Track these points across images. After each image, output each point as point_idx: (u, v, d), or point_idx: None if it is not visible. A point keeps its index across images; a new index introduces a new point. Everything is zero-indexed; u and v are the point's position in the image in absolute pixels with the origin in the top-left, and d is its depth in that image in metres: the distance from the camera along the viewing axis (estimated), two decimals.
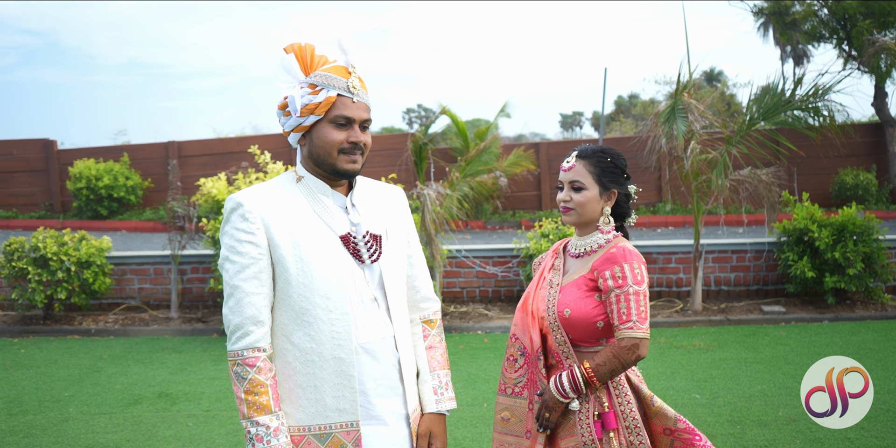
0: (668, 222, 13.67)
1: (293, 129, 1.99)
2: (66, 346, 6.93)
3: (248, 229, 1.92)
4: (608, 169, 2.32)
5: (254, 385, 1.88)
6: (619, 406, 2.24)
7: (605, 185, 2.31)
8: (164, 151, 14.88)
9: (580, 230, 2.37)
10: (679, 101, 6.99)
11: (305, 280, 1.93)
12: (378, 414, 2.00)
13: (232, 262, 1.92)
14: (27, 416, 4.97)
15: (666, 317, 7.45)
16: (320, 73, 1.97)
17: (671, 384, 5.37)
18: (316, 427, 1.94)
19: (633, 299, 2.18)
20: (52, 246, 7.16)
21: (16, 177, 15.00)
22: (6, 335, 7.36)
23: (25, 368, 6.16)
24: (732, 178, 7.47)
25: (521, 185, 14.50)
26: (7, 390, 5.55)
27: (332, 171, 2.00)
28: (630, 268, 2.21)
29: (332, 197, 2.04)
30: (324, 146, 1.97)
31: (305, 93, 1.95)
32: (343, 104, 1.97)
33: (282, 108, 1.99)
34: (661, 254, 8.12)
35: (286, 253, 1.93)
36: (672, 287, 8.12)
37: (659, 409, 2.26)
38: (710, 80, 42.35)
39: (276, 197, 1.98)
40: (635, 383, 2.29)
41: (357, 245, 2.01)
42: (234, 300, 1.92)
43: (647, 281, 2.22)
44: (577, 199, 2.30)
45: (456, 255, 8.07)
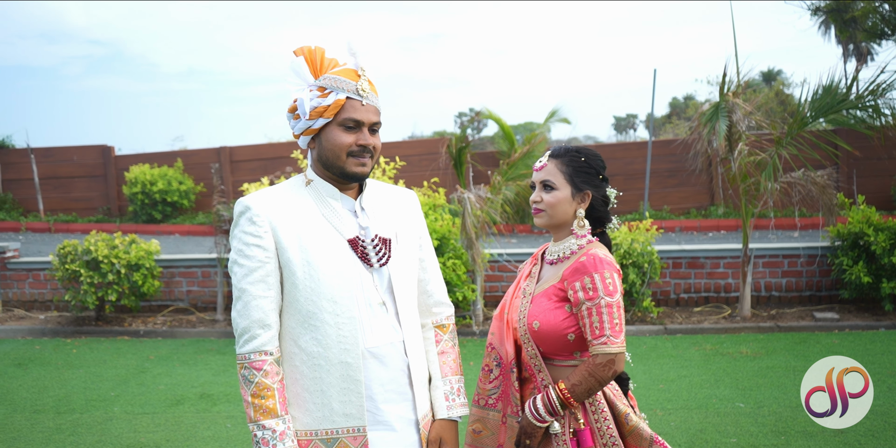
0: (719, 226, 13.36)
1: (302, 133, 2.00)
2: (116, 346, 7.11)
3: (256, 233, 1.92)
4: (581, 169, 2.21)
5: (260, 388, 1.88)
6: (596, 423, 2.14)
7: (577, 186, 2.20)
8: (216, 156, 15.19)
9: (555, 235, 2.27)
10: (723, 101, 6.80)
11: (312, 284, 1.92)
12: (385, 419, 1.98)
13: (240, 266, 1.93)
14: (74, 415, 5.10)
15: (713, 323, 7.27)
16: (329, 75, 1.96)
17: (714, 392, 5.22)
18: (323, 432, 1.93)
19: (606, 312, 2.07)
20: (104, 249, 7.35)
21: (75, 182, 15.50)
22: (60, 335, 7.59)
23: (76, 368, 6.34)
24: (783, 180, 7.24)
25: None
26: (57, 389, 5.71)
27: (341, 174, 1.99)
28: (601, 278, 2.09)
29: (340, 200, 2.03)
30: (332, 149, 1.96)
31: (314, 96, 1.95)
32: (352, 107, 1.96)
33: (291, 110, 2.00)
34: (708, 258, 7.93)
35: (293, 256, 1.93)
36: (720, 292, 7.92)
37: (634, 428, 2.16)
38: (769, 79, 41.34)
39: (284, 200, 1.99)
40: (611, 399, 2.19)
41: (365, 248, 1.99)
42: (242, 303, 1.92)
43: (620, 291, 2.10)
44: (548, 200, 2.20)
45: (498, 259, 8.01)
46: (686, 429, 4.55)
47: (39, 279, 8.45)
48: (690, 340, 6.80)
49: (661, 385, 5.45)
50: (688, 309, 7.85)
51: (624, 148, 15.12)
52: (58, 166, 15.44)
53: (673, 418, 4.75)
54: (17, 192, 15.43)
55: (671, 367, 5.92)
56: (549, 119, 14.64)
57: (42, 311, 8.36)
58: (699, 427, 4.58)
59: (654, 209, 14.30)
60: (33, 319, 8.01)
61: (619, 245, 7.19)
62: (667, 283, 7.96)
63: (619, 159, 14.60)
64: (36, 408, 5.26)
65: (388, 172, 7.11)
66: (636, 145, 15.08)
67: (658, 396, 5.20)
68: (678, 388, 5.35)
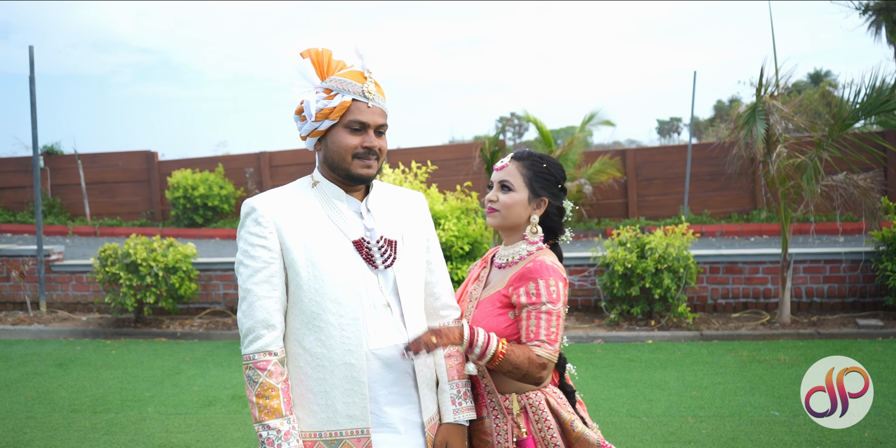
0: (761, 230, 13.09)
1: (308, 134, 2.01)
2: (153, 348, 7.24)
3: (261, 233, 1.94)
4: (542, 175, 2.20)
5: (265, 388, 1.89)
6: (540, 432, 2.11)
7: (535, 191, 2.19)
8: (256, 161, 15.41)
9: (506, 238, 2.26)
10: (760, 103, 6.66)
11: (316, 284, 1.93)
12: (389, 421, 1.97)
13: (245, 266, 1.94)
14: (109, 414, 5.21)
15: (750, 329, 7.11)
16: (335, 77, 1.97)
17: (749, 400, 5.10)
18: (327, 433, 1.93)
19: (545, 318, 2.05)
20: (142, 252, 7.50)
21: (120, 187, 15.87)
22: (100, 337, 7.76)
23: (114, 369, 6.47)
24: (824, 183, 7.06)
25: (607, 193, 14.22)
26: (95, 389, 5.84)
27: (347, 176, 2.00)
28: (546, 285, 2.07)
29: (346, 202, 2.04)
30: (338, 151, 1.97)
31: (320, 97, 1.96)
32: (358, 109, 1.96)
33: (298, 112, 2.00)
34: (747, 263, 7.77)
35: (298, 257, 1.93)
36: (759, 298, 7.75)
37: (580, 435, 2.13)
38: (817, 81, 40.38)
39: (290, 201, 2.00)
40: (555, 408, 2.15)
41: (370, 250, 2.00)
42: (247, 304, 1.94)
43: (563, 300, 2.07)
44: (504, 200, 2.19)
45: None
46: (717, 437, 4.46)
47: (82, 282, 8.67)
48: (727, 347, 6.66)
49: (693, 392, 5.35)
50: (725, 315, 7.69)
51: (663, 151, 14.91)
52: (104, 172, 15.83)
53: (704, 426, 4.65)
54: (65, 196, 15.85)
55: (705, 374, 5.81)
56: (588, 122, 14.48)
57: (84, 313, 8.57)
58: (731, 435, 4.48)
59: (694, 213, 14.07)
60: (76, 321, 8.21)
61: (653, 249, 7.09)
62: (703, 288, 7.81)
63: (658, 163, 14.40)
64: (73, 407, 5.38)
65: (420, 176, 7.12)
66: (676, 148, 14.87)
67: (690, 403, 5.10)
68: (711, 395, 5.25)
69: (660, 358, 6.38)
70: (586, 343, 7.06)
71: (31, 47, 8.50)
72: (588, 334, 7.16)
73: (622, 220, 13.99)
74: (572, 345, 7.00)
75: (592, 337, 7.13)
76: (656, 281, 7.05)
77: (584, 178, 13.32)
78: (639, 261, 7.10)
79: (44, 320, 8.19)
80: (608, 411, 5.00)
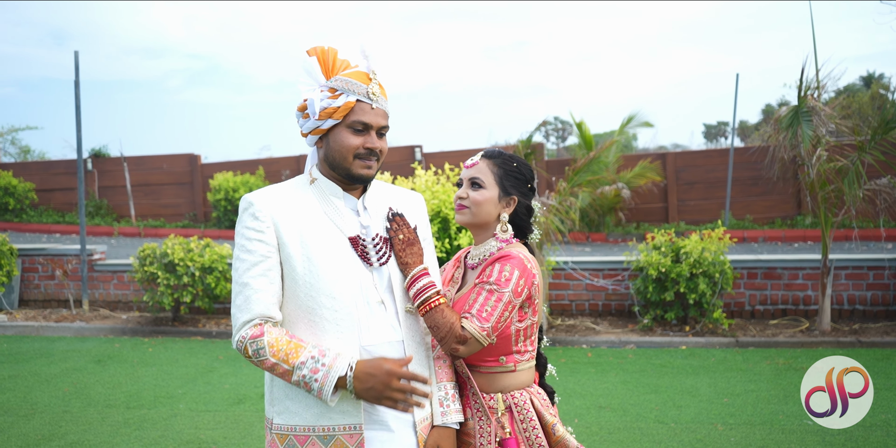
0: (806, 236, 12.78)
1: (310, 132, 2.02)
2: (189, 346, 7.37)
3: (259, 228, 1.95)
4: (512, 173, 2.20)
5: (275, 343, 1.87)
6: (525, 432, 2.10)
7: (506, 189, 2.19)
8: (296, 164, 15.60)
9: (476, 237, 2.25)
10: (802, 106, 6.50)
11: (312, 279, 1.94)
12: (381, 419, 1.97)
13: (242, 260, 1.95)
14: (142, 410, 5.31)
15: (788, 336, 6.94)
16: (341, 77, 1.98)
17: (782, 408, 4.98)
18: (320, 428, 1.93)
19: (485, 295, 2.04)
20: (180, 252, 7.65)
21: (165, 189, 16.21)
22: (139, 335, 7.93)
23: (149, 366, 6.60)
24: (867, 188, 6.87)
25: (646, 197, 14.04)
26: (130, 385, 5.97)
27: (347, 176, 2.02)
28: (500, 269, 2.07)
29: (343, 199, 2.05)
30: (340, 150, 1.99)
31: (325, 96, 1.97)
32: (361, 110, 1.98)
33: (301, 109, 2.02)
34: (786, 269, 7.59)
35: (294, 252, 1.95)
36: (798, 305, 7.57)
37: (560, 439, 2.12)
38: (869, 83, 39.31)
39: (287, 197, 2.01)
40: (539, 409, 2.14)
41: (366, 247, 2.01)
42: (243, 298, 1.93)
43: (513, 288, 2.04)
44: (474, 197, 2.18)
45: (563, 267, 7.91)
46: (746, 445, 4.36)
47: (123, 281, 8.87)
48: (763, 354, 6.52)
49: (725, 399, 5.25)
50: (763, 321, 7.53)
51: (705, 155, 14.67)
52: (148, 174, 16.19)
53: (734, 434, 4.56)
54: (112, 198, 16.25)
55: (738, 381, 5.69)
56: (627, 124, 14.35)
57: (125, 311, 8.77)
58: (761, 444, 4.37)
59: (736, 218, 13.81)
60: (116, 319, 8.40)
61: (688, 254, 6.98)
62: (741, 294, 7.66)
63: (699, 167, 14.18)
64: (108, 402, 5.51)
65: (453, 179, 7.13)
66: (717, 152, 14.61)
67: (720, 410, 5.00)
68: (743, 403, 5.14)
69: (692, 364, 6.27)
70: (618, 348, 6.98)
71: (77, 52, 8.75)
72: (620, 339, 7.07)
73: (661, 225, 13.79)
74: (601, 349, 6.92)
75: (625, 342, 7.05)
76: (691, 286, 6.94)
77: (622, 182, 13.17)
78: (673, 265, 6.99)
79: (85, 318, 8.41)
80: (635, 417, 4.93)
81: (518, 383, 2.16)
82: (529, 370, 2.20)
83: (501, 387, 2.14)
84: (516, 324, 2.12)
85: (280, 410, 1.98)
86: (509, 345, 2.12)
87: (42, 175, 16.34)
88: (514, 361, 2.14)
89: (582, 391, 5.56)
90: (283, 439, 1.96)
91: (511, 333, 2.12)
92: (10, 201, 15.32)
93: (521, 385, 2.16)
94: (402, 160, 14.67)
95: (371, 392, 1.86)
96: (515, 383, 2.15)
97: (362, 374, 1.87)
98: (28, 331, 8.08)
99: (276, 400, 2.00)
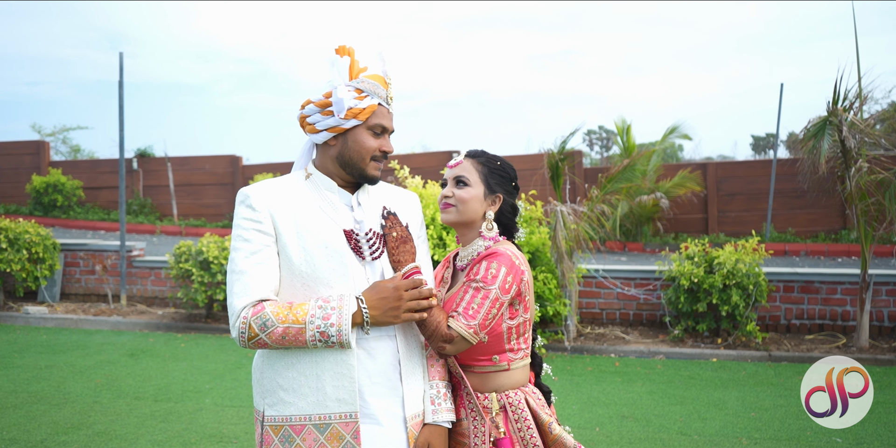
0: (850, 251, 12.46)
1: (329, 129, 2.03)
2: (220, 343, 7.48)
3: (256, 218, 1.98)
4: (496, 171, 2.21)
5: (277, 312, 1.89)
6: (520, 432, 2.09)
7: (491, 187, 2.20)
8: None
9: (463, 238, 2.25)
10: (833, 116, 6.35)
11: (308, 269, 1.96)
12: (372, 412, 1.98)
13: (239, 250, 1.97)
14: (169, 404, 5.41)
15: (824, 352, 6.77)
16: (366, 79, 2.03)
17: (811, 424, 4.86)
18: (316, 416, 1.95)
19: (472, 293, 2.04)
20: (214, 250, 7.78)
21: (207, 189, 16.51)
22: (172, 330, 8.08)
23: (180, 361, 6.72)
24: None
25: (686, 208, 13.85)
26: (160, 379, 6.08)
27: (360, 176, 2.05)
28: (487, 267, 2.07)
29: (338, 194, 2.07)
30: (359, 151, 2.02)
31: (352, 96, 2.00)
32: (381, 114, 2.03)
33: (322, 105, 2.03)
34: (824, 283, 7.41)
35: (290, 242, 1.97)
36: (836, 320, 7.38)
37: (557, 437, 2.10)
38: None
39: (283, 190, 2.04)
40: (534, 409, 2.12)
41: (359, 241, 2.02)
42: (241, 285, 1.93)
43: (500, 285, 2.04)
44: (460, 195, 2.18)
45: (594, 275, 7.83)
46: None
47: (160, 277, 9.06)
48: (796, 369, 6.37)
49: (752, 413, 5.14)
50: (798, 336, 7.36)
51: (748, 166, 14.40)
52: (191, 174, 16.51)
53: None
54: (156, 197, 16.61)
55: (768, 396, 5.56)
56: (669, 135, 14.19)
57: (161, 307, 8.94)
58: None
59: (778, 231, 13.53)
60: (152, 314, 8.57)
61: (722, 264, 6.86)
62: (777, 307, 7.50)
63: (741, 178, 13.93)
64: (137, 394, 5.62)
65: None
66: (760, 163, 14.35)
67: (747, 425, 4.90)
68: (771, 418, 5.02)
69: (722, 377, 6.16)
70: (647, 358, 6.88)
71: (121, 54, 8.99)
72: (650, 349, 6.98)
73: (701, 236, 13.58)
74: (629, 359, 6.84)
75: (654, 352, 6.95)
76: (724, 297, 6.81)
77: (660, 192, 13.03)
78: (706, 276, 6.88)
79: (122, 312, 8.60)
80: (658, 428, 4.86)
81: (512, 382, 2.15)
82: (524, 369, 2.19)
83: (496, 386, 2.14)
84: (507, 321, 2.11)
85: (273, 402, 1.99)
86: (501, 343, 2.12)
87: (90, 173, 16.78)
88: (507, 360, 2.13)
89: (606, 400, 5.50)
90: (278, 430, 1.97)
91: (503, 331, 2.11)
92: (59, 198, 15.76)
93: (516, 384, 2.16)
94: (438, 165, 14.71)
95: (390, 313, 1.93)
96: (510, 382, 2.15)
97: (373, 301, 1.93)
98: (67, 323, 8.30)
99: (267, 392, 2.01)
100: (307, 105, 2.06)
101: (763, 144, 63.43)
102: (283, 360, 1.99)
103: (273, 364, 2.01)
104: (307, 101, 2.07)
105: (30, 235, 8.52)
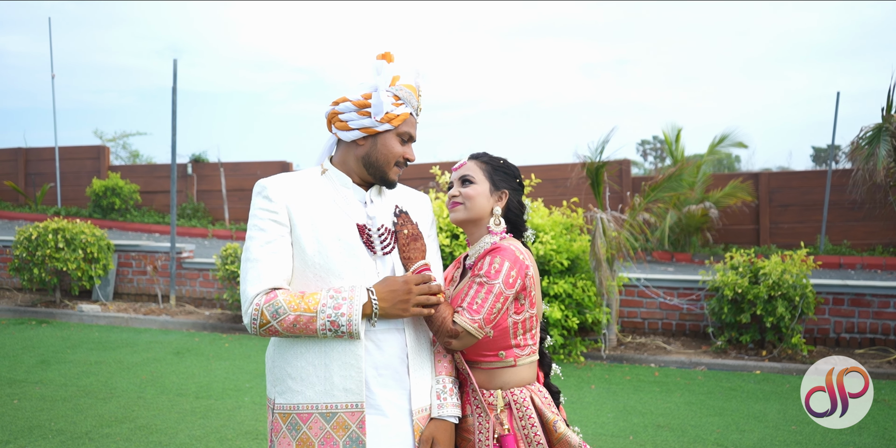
0: None
1: (362, 129, 2.08)
2: (263, 343, 7.62)
3: (272, 208, 2.03)
4: (500, 168, 2.26)
5: (289, 300, 1.93)
6: (524, 429, 2.09)
7: (496, 184, 2.24)
8: None
9: (471, 236, 2.27)
10: (887, 123, 6.17)
11: (322, 260, 2.00)
12: (378, 404, 2.01)
13: (254, 239, 2.02)
14: (209, 401, 5.54)
15: (874, 367, 6.56)
16: (403, 88, 2.09)
17: (853, 439, 4.72)
18: (323, 405, 1.98)
19: (476, 289, 2.06)
20: None
21: None
22: (218, 330, 8.26)
23: (223, 360, 6.88)
24: None
25: (736, 218, 13.58)
26: (202, 377, 6.23)
27: (381, 179, 2.11)
28: (491, 262, 2.09)
29: (352, 189, 2.12)
30: (386, 155, 2.08)
31: (390, 102, 2.06)
32: (411, 122, 2.11)
33: (360, 105, 2.07)
34: (875, 296, 7.19)
35: (304, 233, 2.01)
36: (889, 335, 7.14)
37: (562, 436, 2.10)
38: None
39: (298, 184, 2.09)
40: (539, 407, 2.12)
41: (371, 236, 2.07)
42: (255, 273, 1.97)
43: (503, 280, 2.06)
44: (466, 192, 2.22)
45: (636, 284, 7.75)
46: None
47: (208, 278, 9.28)
48: None
49: (793, 426, 5.01)
50: (848, 350, 7.15)
51: (802, 176, 14.05)
52: (243, 179, 16.87)
53: None
54: (209, 202, 17.02)
55: None
56: (718, 144, 13.94)
57: (208, 308, 9.16)
58: None
59: (833, 243, 13.16)
60: (199, 314, 8.79)
61: (767, 275, 6.72)
62: (825, 320, 7.30)
63: (794, 189, 13.61)
64: (180, 391, 5.77)
65: (525, 189, 7.10)
66: (815, 174, 13.99)
67: (786, 438, 4.78)
68: (812, 432, 4.89)
69: (764, 389, 6.02)
70: (688, 369, 6.77)
71: (175, 61, 9.26)
72: (691, 360, 6.86)
73: (751, 248, 13.29)
74: (669, 369, 6.74)
75: (695, 363, 6.83)
76: (769, 308, 6.67)
77: (710, 202, 12.81)
78: (750, 286, 6.74)
79: (171, 312, 8.83)
80: (693, 438, 4.78)
81: (518, 380, 2.16)
82: (531, 366, 2.20)
83: (501, 383, 2.15)
84: (513, 316, 2.13)
85: (282, 390, 2.04)
86: (507, 338, 2.13)
87: (146, 178, 17.29)
88: (513, 356, 2.14)
89: (642, 409, 5.43)
90: (286, 418, 2.02)
91: (508, 326, 2.13)
92: (117, 201, 16.27)
93: (522, 382, 2.17)
94: None
95: (399, 305, 1.97)
96: (516, 379, 2.16)
97: (384, 293, 1.97)
98: (118, 322, 8.56)
99: (277, 380, 2.06)
100: (343, 102, 2.10)
101: (824, 156, 61.82)
102: (292, 349, 2.03)
103: (283, 353, 2.05)
104: (343, 98, 2.11)
105: (85, 236, 8.82)
